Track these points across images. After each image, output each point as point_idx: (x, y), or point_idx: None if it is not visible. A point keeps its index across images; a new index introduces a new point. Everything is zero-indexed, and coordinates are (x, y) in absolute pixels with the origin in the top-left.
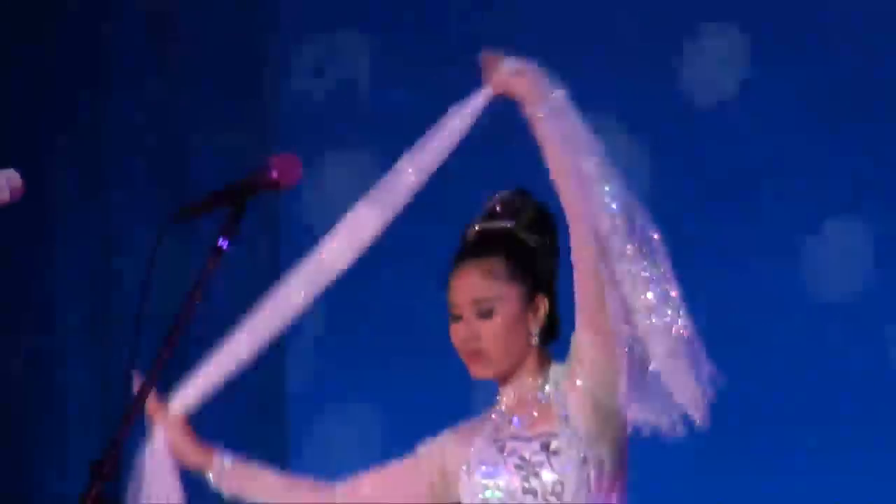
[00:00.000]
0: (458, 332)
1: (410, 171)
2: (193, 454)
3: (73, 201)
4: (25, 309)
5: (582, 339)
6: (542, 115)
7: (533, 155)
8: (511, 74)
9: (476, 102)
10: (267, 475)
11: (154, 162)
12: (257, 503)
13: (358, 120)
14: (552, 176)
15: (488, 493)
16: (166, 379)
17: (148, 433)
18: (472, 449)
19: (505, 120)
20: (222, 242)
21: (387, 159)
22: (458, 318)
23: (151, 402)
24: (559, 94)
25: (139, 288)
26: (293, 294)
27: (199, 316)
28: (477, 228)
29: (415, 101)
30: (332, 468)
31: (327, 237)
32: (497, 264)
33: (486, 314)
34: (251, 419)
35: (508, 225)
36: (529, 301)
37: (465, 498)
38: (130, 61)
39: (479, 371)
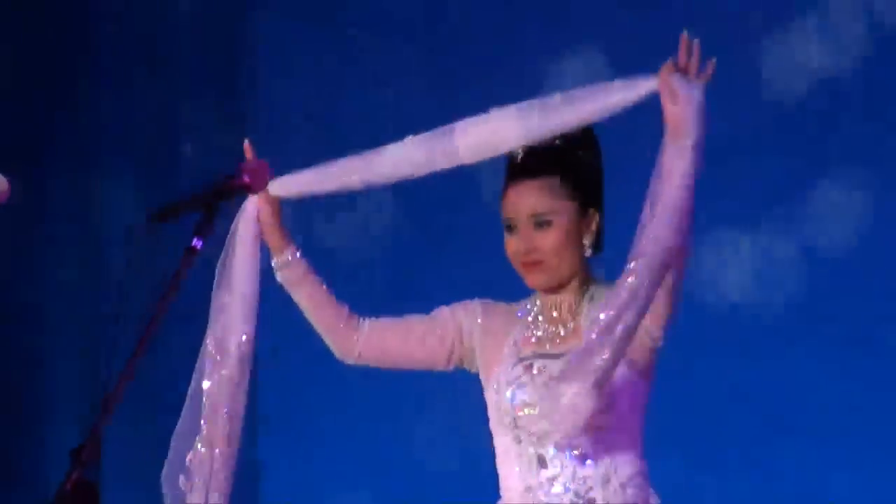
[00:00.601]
0: (514, 244)
1: (557, 112)
2: (274, 233)
3: (61, 200)
4: (13, 306)
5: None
6: (673, 150)
7: None
8: (672, 93)
9: (640, 89)
10: (318, 287)
11: (142, 161)
12: (299, 302)
13: (332, 120)
14: (648, 193)
15: (520, 412)
16: (142, 370)
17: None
18: (497, 369)
19: None
20: (196, 242)
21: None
22: (515, 229)
23: (256, 174)
24: (691, 141)
25: (120, 285)
26: (412, 152)
27: (177, 312)
28: (532, 147)
29: (389, 102)
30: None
31: (466, 124)
32: (553, 181)
33: (543, 225)
34: None
35: (559, 143)
36: (583, 215)
37: (493, 412)
38: (119, 64)
39: (535, 280)
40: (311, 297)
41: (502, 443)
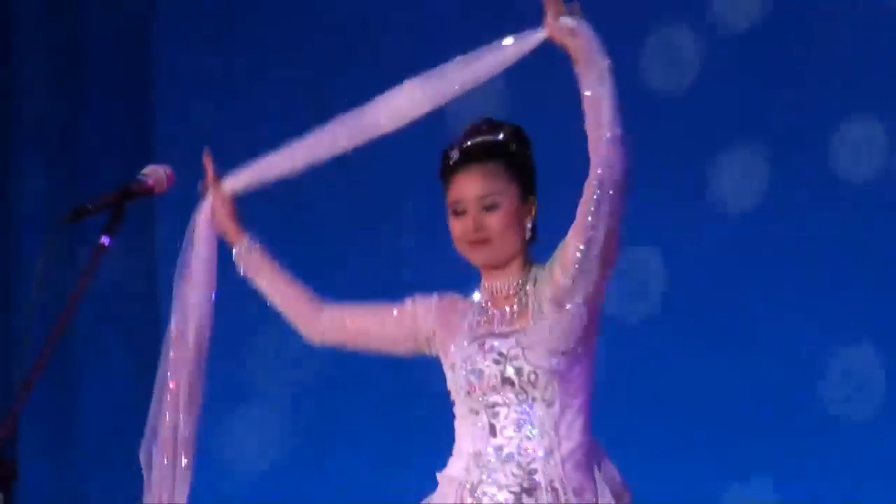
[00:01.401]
0: (463, 225)
1: (457, 72)
2: (229, 227)
3: None
4: None
5: (572, 244)
6: (588, 78)
7: None
8: (569, 31)
9: (532, 39)
10: (278, 272)
11: (54, 162)
12: (261, 289)
13: (233, 133)
14: (586, 125)
15: (474, 385)
16: (55, 359)
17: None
18: (454, 349)
19: None
20: (104, 239)
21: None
22: (463, 213)
23: (209, 173)
24: (606, 65)
25: (34, 281)
26: (339, 133)
27: (85, 307)
28: (474, 141)
29: (286, 110)
30: None
31: (379, 100)
32: (497, 167)
33: (491, 207)
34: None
35: (500, 136)
36: (524, 199)
37: (451, 386)
38: (36, 74)
39: (480, 256)
40: (271, 283)
41: (460, 411)
